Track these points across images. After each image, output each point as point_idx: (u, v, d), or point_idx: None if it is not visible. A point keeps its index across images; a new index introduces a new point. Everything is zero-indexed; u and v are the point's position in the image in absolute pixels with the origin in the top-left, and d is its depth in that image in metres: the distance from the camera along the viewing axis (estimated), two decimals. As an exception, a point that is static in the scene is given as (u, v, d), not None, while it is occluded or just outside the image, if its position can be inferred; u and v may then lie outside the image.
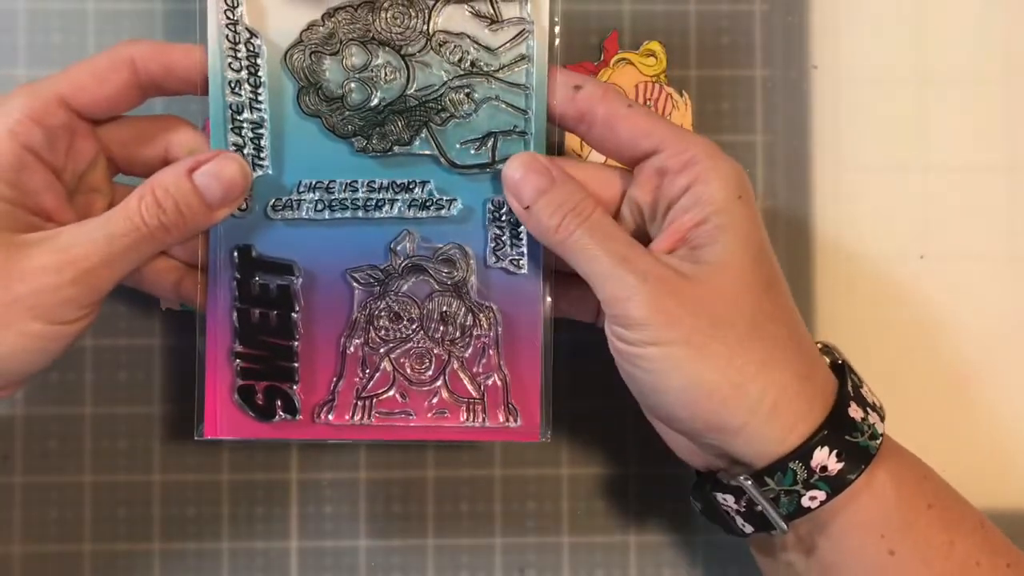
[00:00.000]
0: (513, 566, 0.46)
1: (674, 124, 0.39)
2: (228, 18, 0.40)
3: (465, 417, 0.42)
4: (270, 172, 0.40)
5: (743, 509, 0.38)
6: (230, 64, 0.40)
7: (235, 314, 0.41)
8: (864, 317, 0.47)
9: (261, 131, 0.40)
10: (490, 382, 0.42)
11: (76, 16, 0.46)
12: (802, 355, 0.38)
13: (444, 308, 0.41)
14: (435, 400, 0.42)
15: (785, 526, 0.37)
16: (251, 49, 0.40)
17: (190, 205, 0.38)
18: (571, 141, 0.47)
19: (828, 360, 0.40)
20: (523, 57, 0.40)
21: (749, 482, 0.37)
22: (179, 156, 0.40)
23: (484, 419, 0.42)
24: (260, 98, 0.40)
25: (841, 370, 0.39)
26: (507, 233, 0.41)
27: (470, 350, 0.41)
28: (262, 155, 0.40)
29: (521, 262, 0.41)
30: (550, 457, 0.47)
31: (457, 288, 0.41)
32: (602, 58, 0.47)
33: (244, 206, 0.40)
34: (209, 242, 0.41)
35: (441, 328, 0.41)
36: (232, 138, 0.40)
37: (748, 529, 0.39)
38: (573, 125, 0.40)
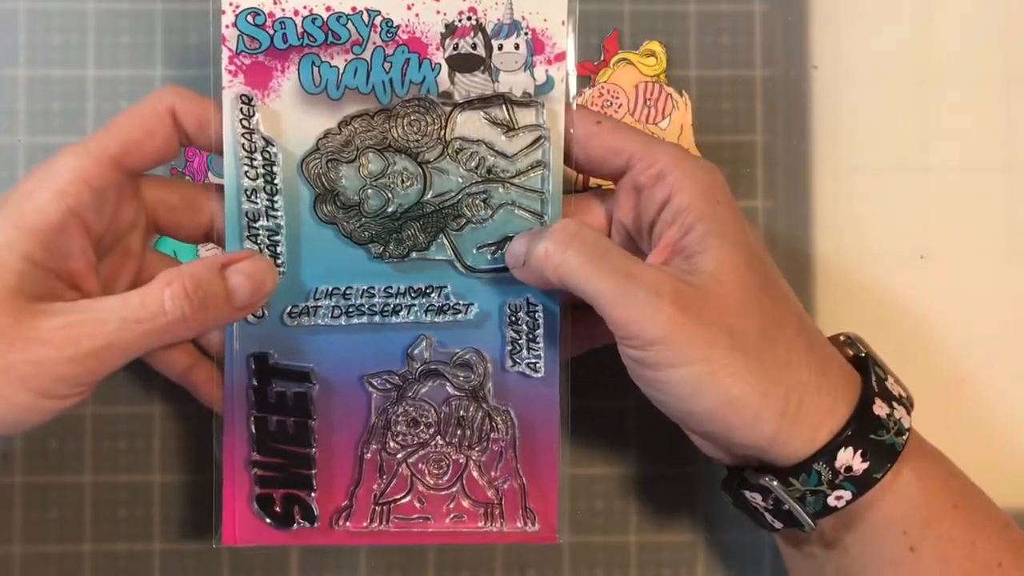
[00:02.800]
0: (513, 566, 0.46)
1: (641, 134, 0.39)
2: (244, 127, 0.39)
3: (483, 523, 0.41)
4: (286, 278, 0.40)
5: (771, 506, 0.38)
6: (246, 172, 0.39)
7: (252, 422, 0.41)
8: (864, 317, 0.47)
9: (277, 238, 0.40)
10: (507, 486, 0.41)
11: (76, 16, 0.46)
12: (813, 351, 0.37)
13: (461, 413, 0.41)
14: (452, 505, 0.41)
15: (813, 524, 0.37)
16: (267, 157, 0.39)
17: (218, 301, 0.37)
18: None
19: (851, 352, 0.40)
20: (539, 163, 0.40)
21: (775, 483, 0.37)
22: (223, 228, 0.40)
23: (503, 525, 0.41)
24: (276, 206, 0.40)
25: (864, 363, 0.39)
26: (524, 337, 0.41)
27: (487, 454, 0.41)
28: (278, 261, 0.40)
29: (538, 365, 0.41)
30: (550, 457, 0.47)
31: (474, 392, 0.41)
32: (602, 58, 0.47)
33: (261, 313, 0.40)
34: (225, 340, 0.40)
35: (458, 433, 0.41)
36: (248, 244, 0.40)
37: (777, 525, 0.39)
38: None
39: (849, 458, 0.36)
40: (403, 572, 0.46)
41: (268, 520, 0.41)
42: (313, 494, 0.41)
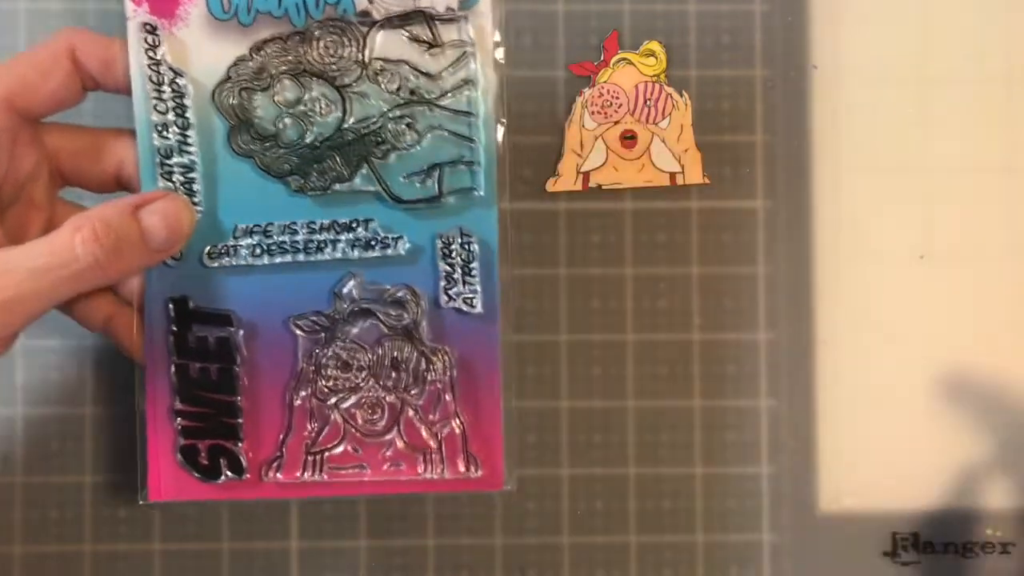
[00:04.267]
0: (513, 566, 0.46)
1: None
2: (150, 58, 0.37)
3: (423, 469, 0.40)
4: (203, 217, 0.38)
5: None
6: (156, 106, 0.38)
7: (173, 370, 0.39)
8: (864, 317, 0.47)
9: (192, 175, 0.38)
10: (447, 430, 0.40)
11: (76, 16, 0.46)
12: None
13: (395, 353, 0.39)
14: (390, 452, 0.39)
15: None
16: (176, 89, 0.38)
17: (131, 245, 0.35)
18: (571, 141, 0.47)
19: None
20: (466, 82, 0.38)
21: None
22: (134, 175, 0.38)
23: (443, 470, 0.40)
24: (189, 140, 0.38)
25: None
26: (458, 270, 0.39)
27: (425, 397, 0.39)
28: (195, 199, 0.38)
29: (475, 300, 0.39)
30: (550, 457, 0.46)
31: (408, 332, 0.39)
32: (602, 58, 0.47)
33: (178, 254, 0.38)
34: (146, 284, 0.39)
35: (393, 375, 0.39)
36: (162, 183, 0.38)
37: None
38: None
39: None
40: (404, 572, 0.46)
41: (194, 473, 0.39)
42: (240, 444, 0.39)
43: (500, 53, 0.39)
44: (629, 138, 0.47)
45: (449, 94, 0.38)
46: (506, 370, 0.40)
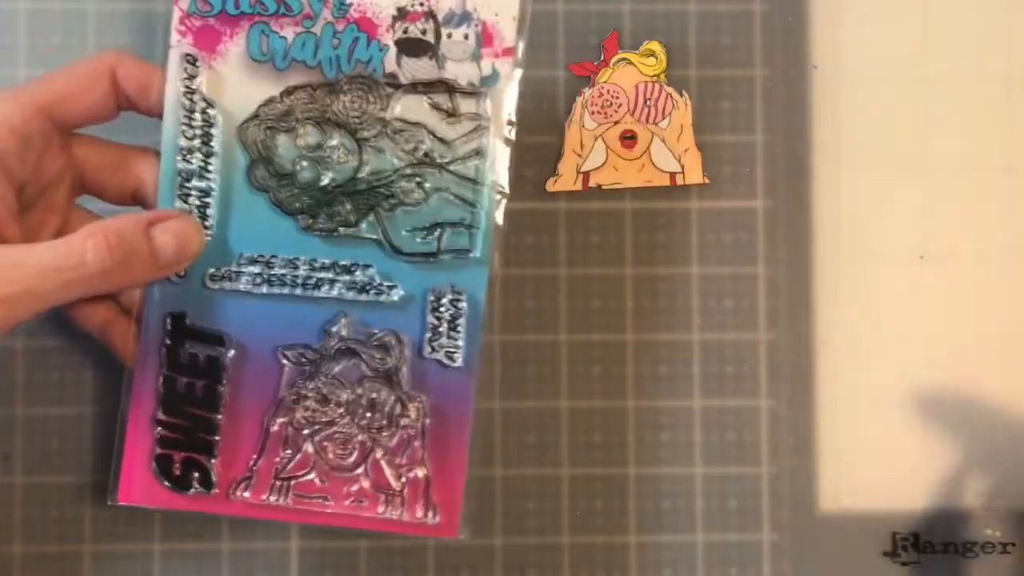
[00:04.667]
0: (513, 566, 0.46)
1: None
2: (186, 87, 0.39)
3: (383, 509, 0.41)
4: (212, 241, 0.40)
5: None
6: (184, 132, 0.39)
7: (161, 380, 0.40)
8: (864, 317, 0.47)
9: (208, 199, 0.40)
10: (412, 475, 0.41)
11: (76, 16, 0.46)
12: None
13: (373, 395, 0.41)
14: (355, 488, 0.41)
15: None
16: (206, 119, 0.40)
17: (140, 258, 0.37)
18: (571, 141, 0.47)
19: None
20: (476, 152, 0.40)
21: None
22: (151, 193, 0.40)
23: (402, 513, 0.41)
24: (210, 167, 0.40)
25: None
26: (445, 324, 0.40)
27: (395, 440, 0.41)
28: (207, 223, 0.40)
29: (456, 355, 0.41)
30: (550, 457, 0.47)
31: (388, 376, 0.41)
32: (602, 58, 0.47)
33: (183, 273, 0.40)
34: (146, 298, 0.40)
35: (368, 415, 0.41)
36: (178, 204, 0.40)
37: None
38: None
39: None
40: (403, 572, 0.46)
41: (165, 482, 0.40)
42: (214, 460, 0.40)
43: (512, 132, 0.40)
44: (629, 138, 0.47)
45: (459, 161, 0.40)
46: (475, 425, 0.41)
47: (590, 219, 0.47)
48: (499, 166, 0.40)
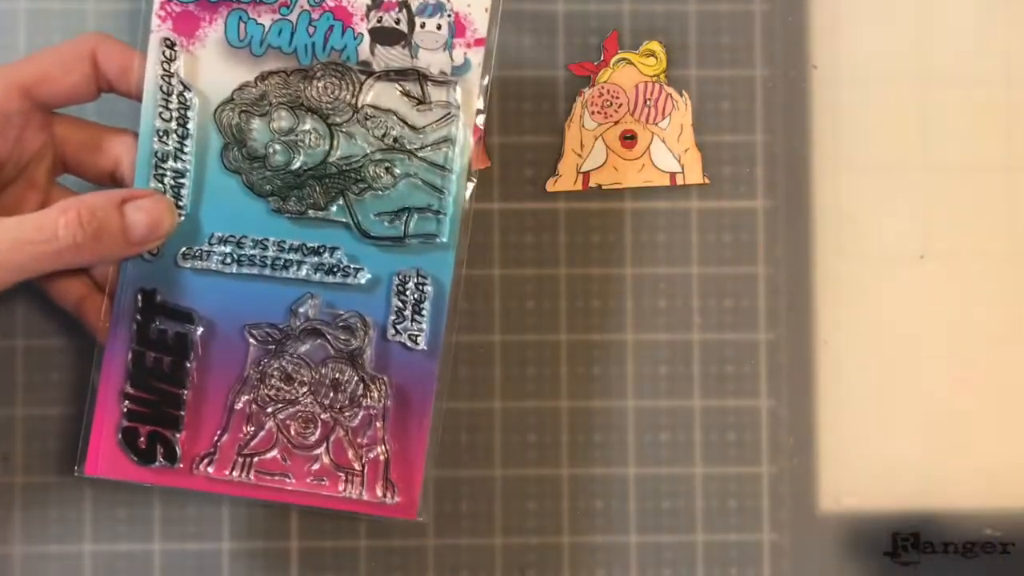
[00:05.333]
0: (513, 566, 0.46)
1: None
2: (164, 70, 0.40)
3: (343, 488, 0.41)
4: (185, 220, 0.41)
5: None
6: (160, 114, 0.40)
7: (130, 356, 0.41)
8: (864, 317, 0.47)
9: (182, 180, 0.41)
10: (373, 455, 0.41)
11: (76, 16, 0.46)
12: None
13: (336, 375, 0.41)
14: (316, 466, 0.41)
15: None
16: (183, 101, 0.40)
17: (112, 234, 0.38)
18: (571, 141, 0.47)
19: None
20: (445, 139, 0.41)
21: None
22: (128, 173, 0.41)
23: (362, 492, 0.41)
24: (186, 149, 0.41)
25: None
26: (409, 307, 0.41)
27: (357, 420, 0.41)
28: (180, 203, 0.41)
29: (419, 338, 0.41)
30: (550, 457, 0.47)
31: (352, 357, 0.41)
32: (602, 58, 0.47)
33: (155, 251, 0.41)
34: (119, 274, 0.41)
35: (331, 395, 0.41)
36: (154, 184, 0.41)
37: None
38: None
39: None
40: (403, 572, 0.46)
41: (131, 455, 0.41)
42: (179, 435, 0.41)
43: (480, 120, 0.41)
44: (629, 138, 0.47)
45: (429, 147, 0.41)
46: (437, 408, 0.42)
47: (590, 219, 0.47)
48: (467, 153, 0.41)
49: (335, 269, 0.41)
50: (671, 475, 0.47)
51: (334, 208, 0.41)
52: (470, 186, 0.41)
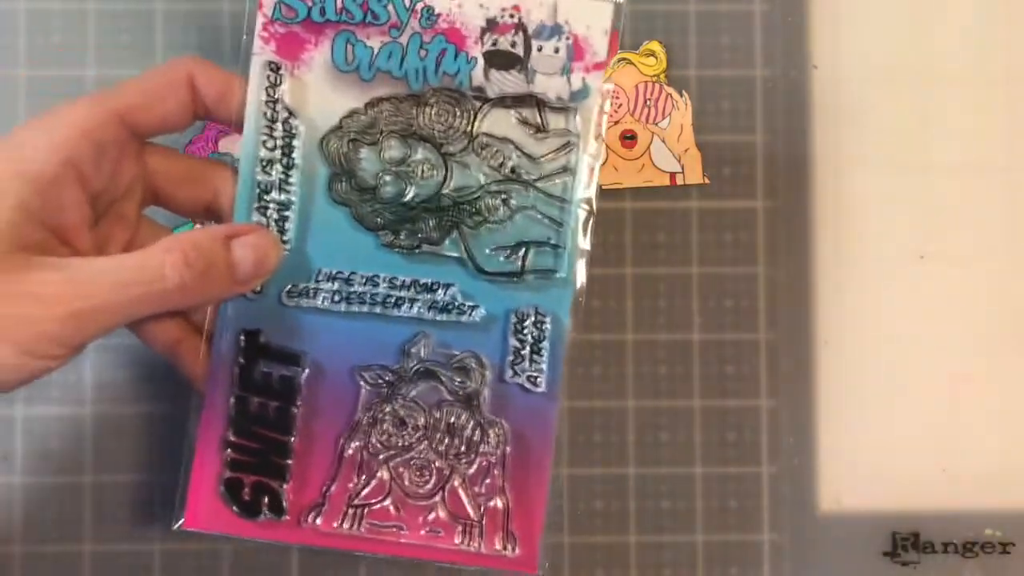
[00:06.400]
0: (513, 566, 0.46)
1: None
2: (268, 95, 0.38)
3: (460, 540, 0.39)
4: (290, 256, 0.38)
5: None
6: (264, 142, 0.38)
7: (233, 401, 0.39)
8: (864, 317, 0.47)
9: (287, 213, 0.38)
10: (491, 504, 0.39)
11: (76, 16, 0.46)
12: None
13: (452, 419, 0.39)
14: (431, 517, 0.39)
15: None
16: (288, 129, 0.38)
17: (219, 273, 0.36)
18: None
19: None
20: (565, 169, 0.39)
21: None
22: (226, 207, 0.38)
23: (480, 544, 0.39)
24: (290, 179, 0.38)
25: None
26: (528, 347, 0.39)
27: (474, 467, 0.39)
28: (285, 237, 0.38)
29: (539, 379, 0.39)
30: (550, 457, 0.47)
31: (468, 399, 0.39)
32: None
33: (259, 288, 0.38)
34: (218, 315, 0.39)
35: (447, 440, 0.39)
36: (256, 217, 0.38)
37: None
38: None
39: None
40: (403, 571, 0.46)
41: (234, 507, 0.39)
42: (285, 485, 0.39)
43: (602, 150, 0.39)
44: (629, 138, 0.47)
45: (547, 178, 0.39)
46: (556, 459, 0.40)
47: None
48: (587, 184, 0.39)
49: (450, 307, 0.39)
50: (671, 475, 0.46)
51: (447, 242, 0.39)
52: (588, 219, 0.39)
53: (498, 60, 0.39)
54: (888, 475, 0.47)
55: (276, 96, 0.38)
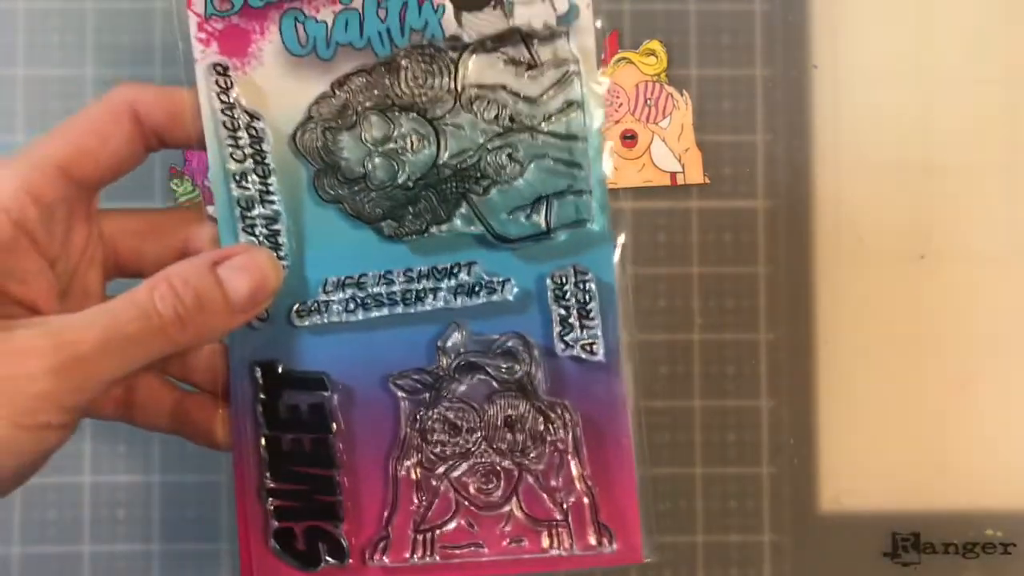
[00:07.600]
0: (513, 566, 0.46)
1: None
2: (223, 101, 0.34)
3: (548, 543, 0.35)
4: (290, 272, 0.34)
5: None
6: (232, 155, 0.34)
7: (263, 443, 0.35)
8: (864, 317, 0.47)
9: (276, 226, 0.34)
10: (573, 498, 0.35)
11: (76, 16, 0.46)
12: None
13: (509, 412, 0.35)
14: (509, 526, 0.35)
15: None
16: (253, 134, 0.34)
17: (213, 300, 0.32)
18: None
19: None
20: (570, 104, 0.34)
21: None
22: (204, 247, 0.34)
23: (572, 545, 0.35)
24: (271, 189, 0.34)
25: None
26: (575, 313, 0.35)
27: (545, 460, 0.35)
28: (280, 253, 0.34)
29: (595, 346, 0.35)
30: (550, 457, 0.46)
31: (522, 386, 0.35)
32: (602, 58, 0.47)
33: (264, 314, 0.34)
34: (229, 351, 0.35)
35: (508, 436, 0.35)
36: (244, 237, 0.34)
37: None
38: None
39: None
40: (403, 572, 0.46)
41: (291, 560, 0.35)
42: (341, 525, 0.35)
43: (602, 74, 0.37)
44: (629, 138, 0.47)
45: (552, 118, 0.34)
46: (637, 428, 0.35)
47: (590, 219, 0.47)
48: (599, 114, 0.34)
49: (477, 288, 0.34)
50: (671, 475, 0.46)
51: (458, 218, 0.35)
52: (608, 154, 0.35)
53: (467, 1, 0.34)
54: (888, 475, 0.47)
55: (231, 100, 0.34)
